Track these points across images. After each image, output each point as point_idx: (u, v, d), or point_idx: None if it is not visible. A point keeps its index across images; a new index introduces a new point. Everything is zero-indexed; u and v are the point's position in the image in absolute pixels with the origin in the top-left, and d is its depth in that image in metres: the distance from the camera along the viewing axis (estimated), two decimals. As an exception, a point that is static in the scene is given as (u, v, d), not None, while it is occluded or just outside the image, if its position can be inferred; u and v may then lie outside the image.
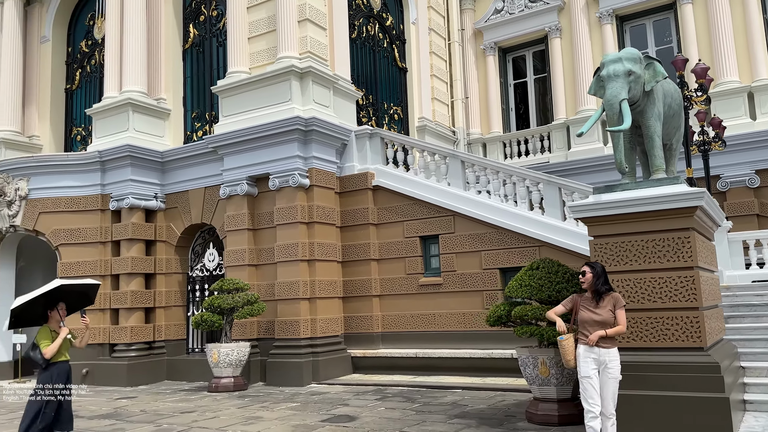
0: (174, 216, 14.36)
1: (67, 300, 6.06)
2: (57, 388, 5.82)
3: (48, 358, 5.79)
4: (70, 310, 6.18)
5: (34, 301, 5.80)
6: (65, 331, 5.92)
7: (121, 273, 13.64)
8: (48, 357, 5.78)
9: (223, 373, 11.42)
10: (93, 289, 6.45)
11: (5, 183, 14.32)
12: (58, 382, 5.83)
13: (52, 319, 6.00)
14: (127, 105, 13.97)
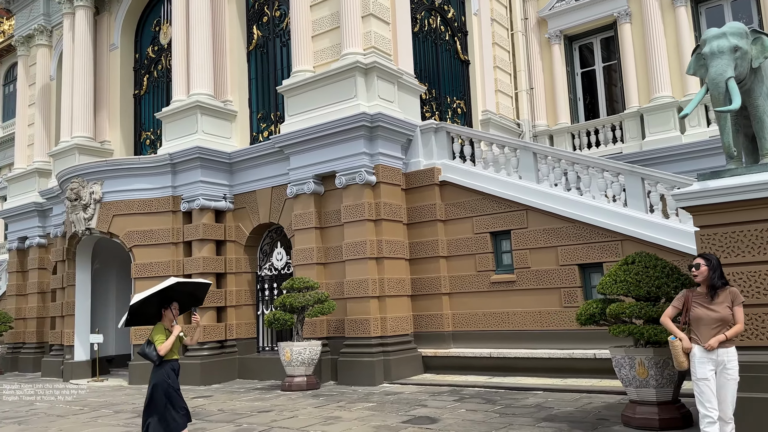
0: (242, 216, 14.49)
1: (179, 299, 6.15)
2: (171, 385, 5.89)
3: (162, 355, 5.88)
4: (182, 310, 6.27)
5: (149, 299, 5.88)
6: (178, 329, 5.99)
7: (193, 273, 13.85)
8: (162, 354, 5.88)
9: (295, 372, 11.39)
10: (203, 288, 6.52)
11: (80, 187, 14.80)
12: (170, 379, 5.92)
13: (166, 317, 6.08)
14: (195, 108, 14.18)
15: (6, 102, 33.32)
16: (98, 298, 16.22)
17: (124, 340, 16.56)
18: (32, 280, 19.05)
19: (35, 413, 10.18)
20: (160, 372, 5.93)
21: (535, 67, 18.60)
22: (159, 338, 5.92)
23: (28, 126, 20.57)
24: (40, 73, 19.90)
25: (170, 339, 5.91)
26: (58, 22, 19.73)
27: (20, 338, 19.12)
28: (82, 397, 11.90)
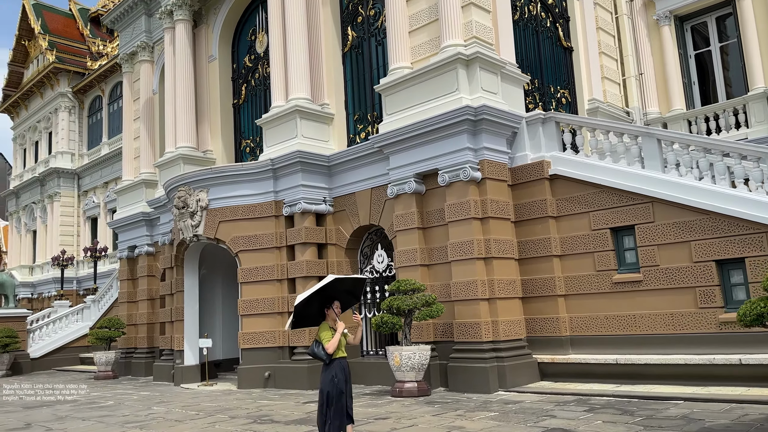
0: (342, 219, 14.33)
1: (339, 297, 6.18)
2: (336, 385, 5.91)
3: (330, 353, 5.93)
4: (343, 308, 6.27)
5: (311, 299, 5.90)
6: (342, 326, 6.00)
7: (297, 276, 13.84)
8: (330, 352, 5.92)
9: (406, 378, 10.99)
10: (360, 284, 6.56)
11: (187, 195, 15.21)
12: (339, 377, 5.95)
13: (329, 317, 6.12)
14: (294, 112, 14.20)
15: (111, 120, 35.55)
16: (205, 304, 16.63)
17: (231, 345, 16.90)
18: (142, 287, 19.90)
19: (154, 417, 10.38)
20: (328, 371, 5.98)
21: (644, 51, 17.33)
22: (326, 337, 5.97)
23: (134, 139, 21.60)
24: (143, 88, 20.84)
25: (336, 337, 5.94)
26: (159, 38, 20.60)
27: (132, 343, 20.01)
28: (196, 402, 12.08)
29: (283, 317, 13.96)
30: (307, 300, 5.91)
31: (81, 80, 36.82)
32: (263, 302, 14.09)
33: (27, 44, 41.26)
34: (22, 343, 22.53)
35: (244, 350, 14.18)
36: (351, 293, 6.43)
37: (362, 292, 6.74)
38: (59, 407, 12.36)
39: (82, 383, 17.58)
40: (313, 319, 6.23)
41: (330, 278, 6.00)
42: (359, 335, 6.42)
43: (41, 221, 37.35)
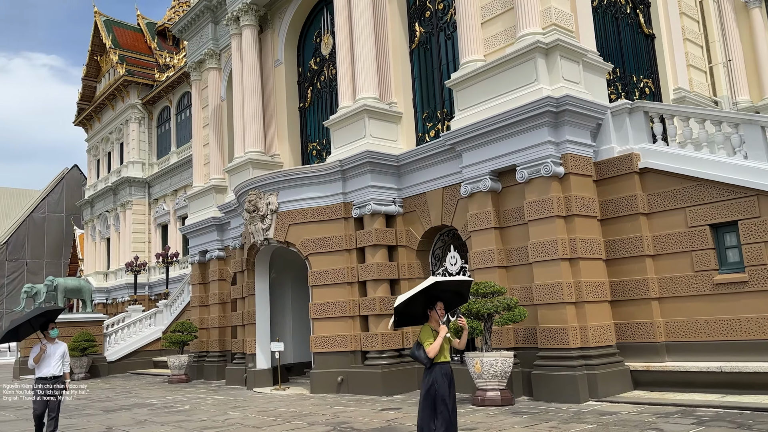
0: (412, 220, 13.93)
1: (443, 298, 5.90)
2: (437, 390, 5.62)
3: (431, 357, 5.66)
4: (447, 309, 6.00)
5: (414, 299, 5.65)
6: (444, 330, 5.73)
7: (367, 279, 13.52)
8: (431, 356, 5.66)
9: (488, 386, 10.43)
10: (466, 285, 6.26)
11: (258, 198, 15.18)
12: (442, 383, 5.66)
13: (432, 318, 5.85)
14: (362, 112, 13.92)
15: (179, 129, 36.57)
16: (276, 307, 16.57)
17: (302, 348, 16.77)
18: (213, 291, 20.13)
19: (231, 423, 10.25)
20: (429, 376, 5.71)
21: (731, 37, 16.13)
22: (427, 341, 5.70)
23: (203, 146, 21.95)
24: (211, 95, 21.15)
25: (437, 340, 5.65)
26: (226, 45, 20.87)
27: (204, 347, 20.25)
28: (271, 407, 11.92)
29: (355, 321, 13.67)
30: (410, 300, 5.65)
31: (150, 92, 38.09)
32: (334, 306, 13.85)
33: (99, 59, 43.11)
34: (99, 347, 23.27)
35: (316, 354, 13.97)
36: (457, 293, 6.13)
37: (468, 293, 6.32)
38: (137, 411, 12.48)
39: (153, 386, 17.91)
40: (418, 319, 5.97)
41: (430, 281, 5.67)
42: (465, 339, 6.06)
43: (114, 229, 38.79)
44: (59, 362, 8.46)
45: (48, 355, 8.39)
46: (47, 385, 8.29)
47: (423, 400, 5.77)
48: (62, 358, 8.52)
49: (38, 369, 8.35)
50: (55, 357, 8.43)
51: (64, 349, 8.68)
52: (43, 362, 8.34)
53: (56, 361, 8.43)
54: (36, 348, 8.37)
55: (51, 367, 8.38)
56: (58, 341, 8.68)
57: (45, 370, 8.33)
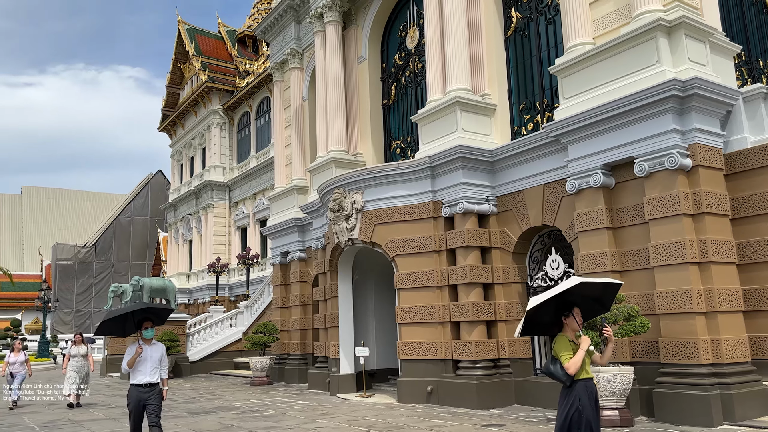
0: (508, 220, 12.93)
1: (580, 304, 4.96)
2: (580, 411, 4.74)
3: (571, 374, 4.77)
4: (585, 317, 5.08)
5: (546, 303, 4.77)
6: (587, 342, 4.82)
7: (459, 283, 12.64)
8: (571, 372, 4.77)
9: (604, 404, 9.25)
10: (612, 291, 5.18)
11: (342, 197, 14.63)
12: (587, 405, 4.78)
13: (568, 327, 4.93)
14: (454, 104, 13.08)
15: (258, 134, 37.05)
16: (358, 310, 15.97)
17: (385, 354, 16.08)
18: (294, 293, 19.83)
19: None
20: (570, 395, 4.80)
21: None
22: (564, 354, 4.80)
23: (285, 147, 21.79)
24: (293, 95, 20.95)
25: (578, 354, 4.77)
26: (308, 44, 20.62)
27: (285, 349, 19.97)
28: (361, 416, 11.23)
29: (445, 327, 12.81)
30: (541, 304, 4.76)
31: (230, 98, 38.88)
32: (422, 310, 13.05)
33: (182, 67, 44.54)
34: (182, 347, 23.54)
35: (403, 361, 13.21)
36: (598, 301, 5.14)
37: (613, 300, 5.31)
38: (222, 415, 12.13)
39: (236, 388, 17.71)
40: (546, 327, 5.10)
41: (575, 281, 4.72)
42: (609, 353, 5.11)
43: (196, 231, 39.77)
44: (156, 367, 7.22)
45: (144, 359, 7.15)
46: (143, 395, 7.13)
47: (561, 423, 4.86)
48: (159, 362, 7.27)
49: (133, 375, 7.18)
50: (151, 361, 7.20)
51: (162, 351, 7.39)
52: (138, 367, 7.15)
53: (152, 365, 7.19)
54: (131, 349, 7.15)
55: (146, 374, 7.14)
56: (155, 342, 7.39)
57: (140, 377, 7.15)
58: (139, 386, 7.14)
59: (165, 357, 7.37)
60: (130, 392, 7.17)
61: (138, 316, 7.18)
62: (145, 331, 7.24)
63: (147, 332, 7.24)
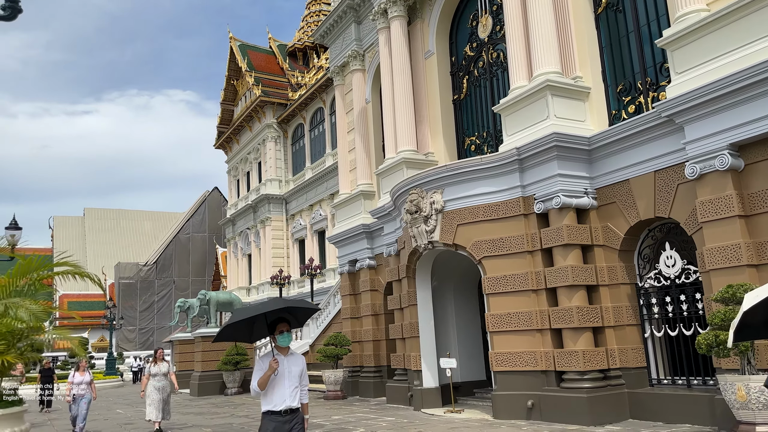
0: (611, 213, 11.66)
1: None
2: None
3: None
4: None
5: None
6: None
7: (558, 286, 11.42)
8: None
9: (756, 419, 7.92)
10: None
11: (420, 198, 13.67)
12: None
13: None
14: (544, 89, 11.96)
15: (312, 145, 36.69)
16: (437, 319, 14.91)
17: (469, 366, 14.98)
18: (365, 302, 18.94)
19: (424, 452, 8.57)
20: None
21: None
22: None
23: (348, 152, 21.06)
24: (356, 97, 20.22)
25: None
26: (369, 45, 19.89)
27: (357, 361, 19.07)
28: (460, 434, 10.14)
29: (544, 335, 11.59)
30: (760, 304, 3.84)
31: (284, 111, 38.77)
32: (517, 317, 11.88)
33: (235, 83, 44.89)
34: (251, 361, 22.96)
35: (497, 373, 12.05)
36: None
37: None
38: (308, 432, 11.23)
39: (310, 403, 16.88)
40: (757, 330, 4.13)
41: None
42: None
43: (255, 245, 39.64)
44: (296, 387, 5.13)
45: (281, 375, 5.05)
46: (284, 425, 5.01)
47: None
48: (300, 379, 5.20)
49: (266, 398, 5.08)
50: (290, 378, 5.11)
51: (303, 365, 5.31)
52: (273, 387, 5.05)
53: (292, 385, 5.10)
54: (262, 363, 5.12)
55: (286, 396, 5.03)
56: (293, 352, 5.33)
57: (277, 400, 5.02)
58: (276, 414, 5.00)
59: (306, 373, 5.35)
60: (265, 424, 5.06)
61: (272, 317, 5.26)
62: (280, 336, 5.21)
63: (283, 338, 5.24)
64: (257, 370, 5.11)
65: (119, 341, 51.92)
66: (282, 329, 5.19)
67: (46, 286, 5.01)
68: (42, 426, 14.88)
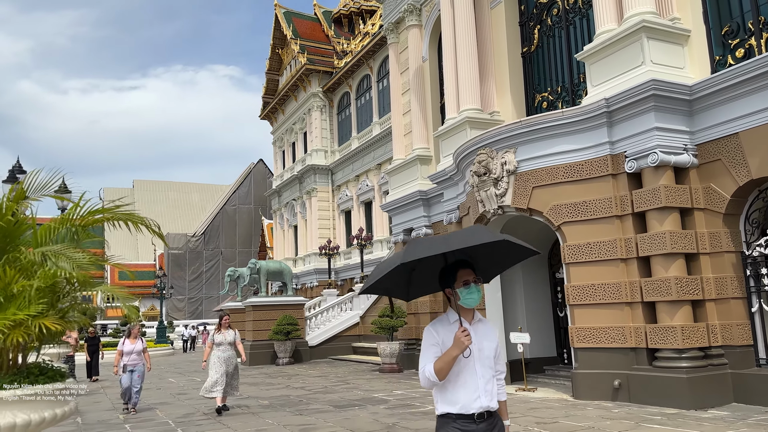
0: (714, 172, 10.27)
1: None
2: None
3: None
4: None
5: None
6: None
7: (652, 254, 10.16)
8: None
9: None
10: None
11: (489, 158, 12.50)
12: None
13: None
14: (639, 31, 10.54)
15: (359, 114, 35.62)
16: (504, 290, 13.82)
17: (539, 341, 13.89)
18: (421, 274, 17.95)
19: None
20: None
21: None
22: None
23: (402, 115, 19.94)
24: (412, 56, 19.00)
25: None
26: (428, -1, 18.58)
27: (413, 334, 18.21)
28: (542, 418, 9.12)
29: (634, 309, 10.39)
30: None
31: (330, 79, 37.74)
32: (602, 289, 10.70)
33: (280, 52, 44.00)
34: (302, 331, 22.45)
35: (579, 350, 10.94)
36: None
37: None
38: (373, 410, 10.45)
39: (366, 376, 16.16)
40: None
41: None
42: None
43: (301, 216, 39.12)
44: (491, 375, 3.09)
45: (473, 357, 3.03)
46: None
47: None
48: (495, 361, 3.15)
49: (445, 392, 3.04)
50: (481, 362, 3.06)
51: (497, 339, 3.20)
52: (459, 375, 3.00)
53: (486, 372, 3.06)
54: (437, 334, 3.06)
55: (480, 390, 3.01)
56: (480, 319, 3.18)
57: (465, 397, 3.00)
58: (465, 420, 3.00)
59: (502, 352, 3.39)
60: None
61: (455, 257, 3.06)
62: (466, 290, 3.01)
63: (470, 293, 3.02)
64: (430, 345, 3.04)
65: (169, 310, 52.77)
66: (467, 279, 3.01)
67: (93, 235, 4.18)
68: (95, 394, 14.59)
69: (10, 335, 3.52)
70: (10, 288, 3.52)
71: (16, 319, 3.54)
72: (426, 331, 3.12)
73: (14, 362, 3.76)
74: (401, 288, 3.27)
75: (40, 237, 3.89)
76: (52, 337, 4.04)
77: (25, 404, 3.30)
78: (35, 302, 3.56)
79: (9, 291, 3.53)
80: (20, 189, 4.41)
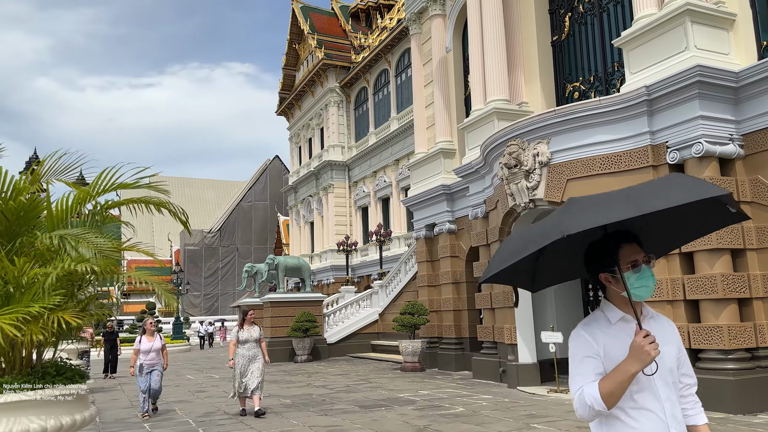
0: (761, 164, 9.70)
1: None
2: None
3: None
4: None
5: None
6: None
7: (696, 250, 9.61)
8: None
9: None
10: None
11: (520, 150, 12.01)
12: None
13: None
14: (682, 15, 9.98)
15: (376, 110, 35.16)
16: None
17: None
18: (444, 269, 17.51)
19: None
20: None
21: None
22: None
23: (425, 108, 19.46)
24: (435, 46, 18.50)
25: None
26: (452, -13, 18.07)
27: (435, 332, 17.76)
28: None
29: (676, 307, 9.83)
30: None
31: (347, 74, 37.32)
32: (640, 285, 10.14)
33: (297, 47, 43.68)
34: (320, 328, 22.09)
35: (615, 350, 10.40)
36: None
37: None
38: (399, 409, 10.02)
39: (387, 374, 15.75)
40: None
41: None
42: None
43: (317, 212, 38.78)
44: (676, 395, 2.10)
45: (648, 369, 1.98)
46: None
47: None
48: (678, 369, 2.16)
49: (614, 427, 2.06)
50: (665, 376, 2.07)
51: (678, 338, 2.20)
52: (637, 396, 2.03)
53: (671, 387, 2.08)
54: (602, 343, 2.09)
55: (669, 421, 2.01)
56: (653, 315, 2.19)
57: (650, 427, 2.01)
58: None
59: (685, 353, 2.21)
60: None
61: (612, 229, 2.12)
62: (636, 275, 2.08)
63: (641, 280, 2.08)
64: (585, 358, 2.12)
65: (185, 306, 52.78)
66: (635, 258, 2.11)
67: (116, 217, 3.80)
68: (111, 391, 14.33)
69: (26, 331, 3.14)
70: (19, 278, 3.13)
71: (30, 312, 3.17)
72: (576, 336, 2.17)
73: (28, 360, 3.38)
74: (525, 275, 2.38)
75: (56, 216, 3.48)
76: (71, 333, 3.64)
77: (41, 408, 2.93)
78: (51, 293, 3.17)
79: (19, 281, 3.14)
80: (36, 172, 4.06)
